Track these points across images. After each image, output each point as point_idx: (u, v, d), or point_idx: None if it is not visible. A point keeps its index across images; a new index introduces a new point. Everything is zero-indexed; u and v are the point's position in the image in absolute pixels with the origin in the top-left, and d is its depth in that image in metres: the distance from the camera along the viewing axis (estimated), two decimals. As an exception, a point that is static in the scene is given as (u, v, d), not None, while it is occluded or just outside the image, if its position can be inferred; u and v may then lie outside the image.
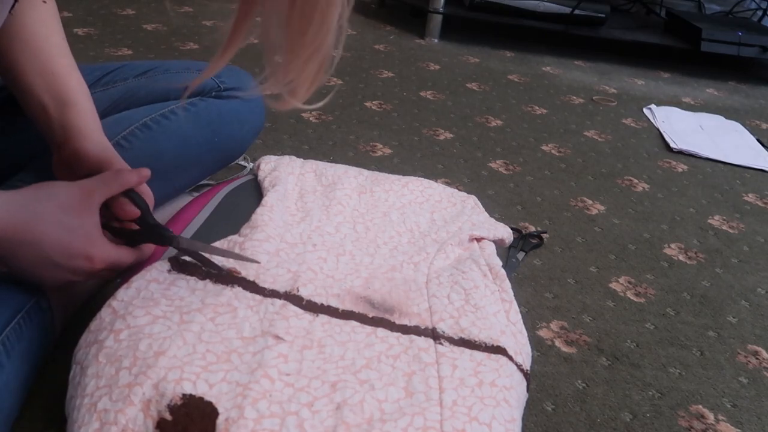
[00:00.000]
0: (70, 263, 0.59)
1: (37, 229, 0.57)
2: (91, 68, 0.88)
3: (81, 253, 0.60)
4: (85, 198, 0.60)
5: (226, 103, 0.91)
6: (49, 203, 0.58)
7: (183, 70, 0.92)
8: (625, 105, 1.74)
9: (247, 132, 0.96)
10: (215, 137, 0.89)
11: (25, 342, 0.60)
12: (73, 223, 0.59)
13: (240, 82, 0.94)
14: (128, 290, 0.63)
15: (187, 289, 0.64)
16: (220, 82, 0.92)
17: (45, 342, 0.64)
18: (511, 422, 0.57)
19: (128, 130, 0.80)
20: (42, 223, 0.57)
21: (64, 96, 0.69)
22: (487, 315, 0.68)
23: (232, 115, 0.91)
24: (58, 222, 0.58)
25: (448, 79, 1.76)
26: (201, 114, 0.88)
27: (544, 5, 2.10)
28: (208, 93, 0.91)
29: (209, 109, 0.89)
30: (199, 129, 0.87)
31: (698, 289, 0.96)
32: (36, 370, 0.63)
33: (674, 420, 0.71)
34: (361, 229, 0.81)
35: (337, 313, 0.66)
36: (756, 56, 2.07)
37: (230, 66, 0.98)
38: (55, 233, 0.58)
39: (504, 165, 1.28)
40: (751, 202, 1.26)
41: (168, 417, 0.51)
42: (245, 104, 0.93)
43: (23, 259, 0.58)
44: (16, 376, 0.58)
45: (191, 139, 0.87)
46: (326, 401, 0.55)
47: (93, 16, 1.92)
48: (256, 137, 1.01)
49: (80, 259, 0.60)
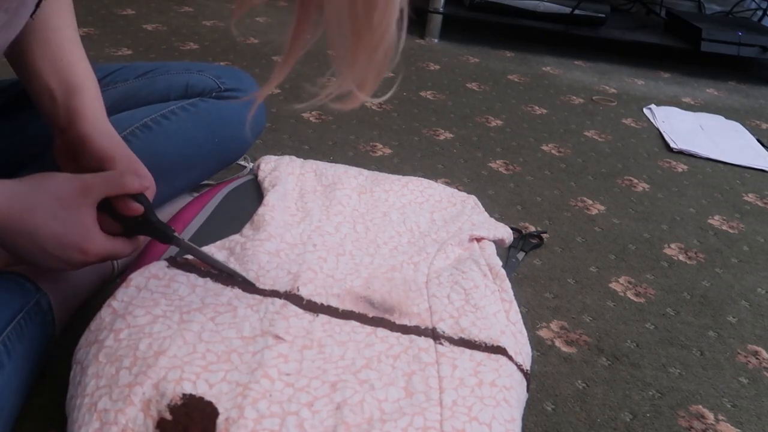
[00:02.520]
0: (64, 254, 0.60)
1: (31, 221, 0.58)
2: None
3: (75, 245, 0.60)
4: (84, 192, 0.61)
5: (227, 103, 0.91)
6: (46, 195, 0.59)
7: (183, 71, 0.92)
8: (625, 105, 1.74)
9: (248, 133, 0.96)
10: (215, 138, 0.89)
11: (26, 342, 0.60)
12: (69, 216, 0.59)
13: (240, 83, 0.94)
14: (128, 289, 0.63)
15: (188, 286, 0.64)
16: (221, 83, 0.92)
17: (45, 342, 0.64)
18: (511, 422, 0.57)
19: (128, 131, 0.80)
20: (37, 215, 0.58)
21: (71, 82, 0.69)
22: (487, 315, 0.68)
23: (233, 116, 0.91)
24: (53, 214, 0.58)
25: (448, 79, 1.76)
26: (201, 114, 0.87)
27: (544, 5, 2.10)
28: (209, 94, 0.91)
29: (209, 110, 0.89)
30: (200, 130, 0.87)
31: (698, 289, 0.96)
32: (37, 370, 0.63)
33: (674, 420, 0.71)
34: (361, 229, 0.81)
35: (337, 313, 0.66)
36: (756, 56, 2.07)
37: (230, 67, 0.98)
38: (49, 225, 0.59)
39: (504, 165, 1.28)
40: (751, 202, 1.26)
41: (168, 417, 0.51)
42: (246, 105, 0.93)
43: (19, 246, 0.59)
44: (17, 375, 0.58)
45: (191, 139, 0.87)
46: (326, 401, 0.55)
47: (93, 16, 1.92)
48: (257, 138, 1.01)
49: (74, 252, 0.61)
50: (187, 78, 0.91)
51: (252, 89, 0.95)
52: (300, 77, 1.62)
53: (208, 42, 1.81)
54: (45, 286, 0.66)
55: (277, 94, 1.50)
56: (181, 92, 0.89)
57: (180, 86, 0.90)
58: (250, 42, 1.86)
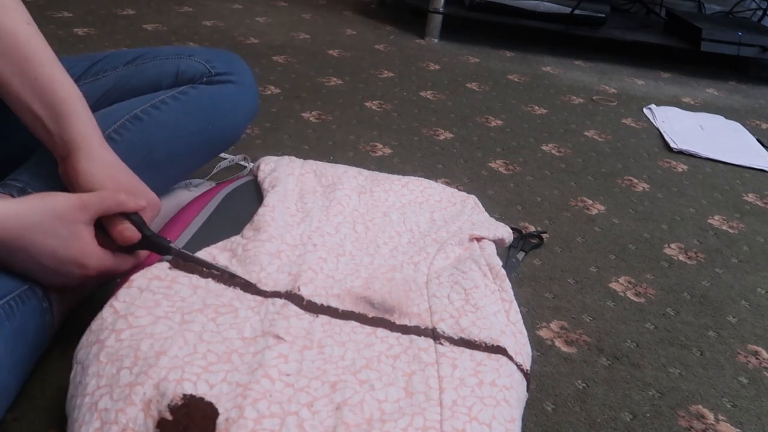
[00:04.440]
0: (63, 269, 0.62)
1: (29, 239, 0.59)
2: (77, 59, 0.86)
3: (74, 260, 0.62)
4: (81, 208, 0.62)
5: (218, 89, 0.89)
6: (45, 213, 0.60)
7: (173, 56, 0.90)
8: (625, 105, 1.74)
9: (241, 118, 0.93)
10: (208, 125, 0.88)
11: (16, 321, 0.61)
12: (68, 233, 0.61)
13: (231, 67, 0.91)
14: (130, 290, 0.63)
15: (189, 287, 0.64)
16: (211, 67, 0.89)
17: (42, 325, 0.65)
18: (511, 422, 0.57)
19: (119, 123, 0.79)
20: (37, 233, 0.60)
21: (56, 106, 0.68)
22: (487, 315, 0.68)
23: (225, 102, 0.89)
24: (53, 232, 0.60)
25: (448, 79, 1.76)
26: (192, 102, 0.86)
27: (544, 5, 2.10)
28: (199, 79, 0.88)
29: (201, 97, 0.87)
30: (192, 118, 0.86)
31: (698, 289, 0.96)
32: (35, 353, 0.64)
33: (674, 420, 0.71)
34: (361, 229, 0.81)
35: (337, 314, 0.66)
36: (756, 56, 2.07)
37: (221, 50, 0.97)
38: (48, 243, 0.60)
39: (504, 165, 1.28)
40: (751, 202, 1.26)
41: (168, 417, 0.51)
42: (238, 89, 0.91)
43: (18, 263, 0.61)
44: (8, 354, 0.59)
45: (184, 128, 0.85)
46: (326, 401, 0.55)
47: (93, 16, 1.92)
48: (251, 123, 0.99)
49: (73, 266, 0.62)
50: (178, 63, 0.88)
51: (243, 72, 0.93)
52: (300, 77, 1.62)
53: (208, 42, 1.81)
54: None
55: (277, 94, 1.50)
56: (172, 78, 0.87)
57: (170, 72, 0.88)
58: (250, 42, 1.86)
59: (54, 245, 0.60)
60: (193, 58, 0.90)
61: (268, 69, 1.65)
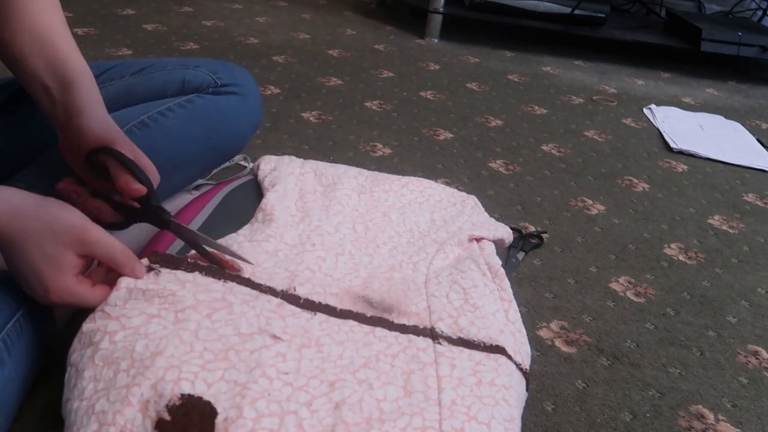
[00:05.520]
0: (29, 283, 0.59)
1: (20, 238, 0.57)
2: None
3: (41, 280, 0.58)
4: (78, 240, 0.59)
5: (224, 99, 0.90)
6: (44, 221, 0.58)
7: (179, 66, 0.92)
8: (625, 105, 1.74)
9: (245, 128, 0.95)
10: (212, 134, 0.89)
11: (25, 339, 0.60)
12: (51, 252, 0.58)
13: (236, 78, 0.93)
14: (119, 291, 0.61)
15: (177, 282, 0.64)
16: (217, 78, 0.91)
17: (45, 340, 0.64)
18: (510, 421, 0.57)
19: (125, 128, 0.79)
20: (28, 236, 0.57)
21: (66, 77, 0.69)
22: (486, 314, 0.68)
23: (230, 112, 0.91)
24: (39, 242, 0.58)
25: (448, 79, 1.76)
26: (198, 111, 0.87)
27: (544, 5, 2.10)
28: (205, 90, 0.90)
29: (206, 106, 0.88)
30: (197, 126, 0.87)
31: (698, 289, 0.96)
32: (37, 367, 0.63)
33: (674, 420, 0.71)
34: (361, 228, 0.80)
35: (335, 312, 0.65)
36: (756, 56, 2.07)
37: (226, 62, 0.98)
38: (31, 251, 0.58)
39: (504, 165, 1.28)
40: (751, 202, 1.26)
41: (167, 417, 0.51)
42: (242, 101, 0.92)
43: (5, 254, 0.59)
44: (17, 373, 0.58)
45: (189, 136, 0.86)
46: (325, 400, 0.55)
47: (93, 16, 1.92)
48: (254, 133, 1.00)
49: (38, 285, 0.59)
50: (184, 74, 0.90)
51: (248, 84, 0.95)
52: (300, 77, 1.62)
53: (208, 42, 1.81)
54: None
55: (277, 94, 1.50)
56: (178, 88, 0.89)
57: (176, 82, 0.89)
58: (250, 42, 1.86)
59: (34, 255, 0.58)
60: (199, 69, 0.92)
61: (268, 69, 1.65)
